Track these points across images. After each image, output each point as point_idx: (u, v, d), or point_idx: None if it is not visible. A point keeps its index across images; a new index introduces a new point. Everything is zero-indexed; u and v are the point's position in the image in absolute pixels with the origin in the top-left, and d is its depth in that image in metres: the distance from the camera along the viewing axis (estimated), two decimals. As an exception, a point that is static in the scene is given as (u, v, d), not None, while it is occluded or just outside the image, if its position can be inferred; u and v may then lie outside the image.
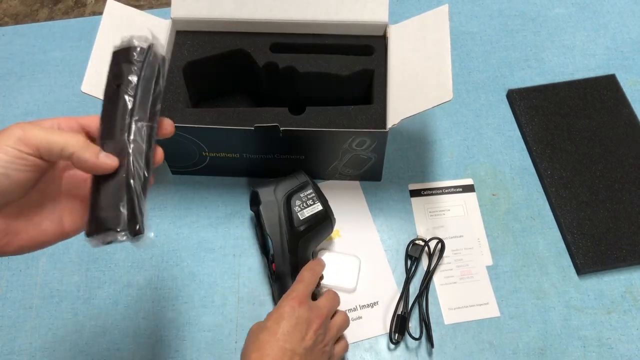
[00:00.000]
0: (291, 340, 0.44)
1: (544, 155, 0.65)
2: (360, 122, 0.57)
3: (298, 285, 0.48)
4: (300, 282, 0.49)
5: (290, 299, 0.46)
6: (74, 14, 1.42)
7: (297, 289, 0.48)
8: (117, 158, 0.36)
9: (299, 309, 0.46)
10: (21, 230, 0.36)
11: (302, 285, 0.48)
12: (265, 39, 0.61)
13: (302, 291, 0.48)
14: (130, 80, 0.38)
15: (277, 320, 0.45)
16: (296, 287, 0.48)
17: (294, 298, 0.46)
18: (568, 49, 0.74)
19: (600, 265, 0.58)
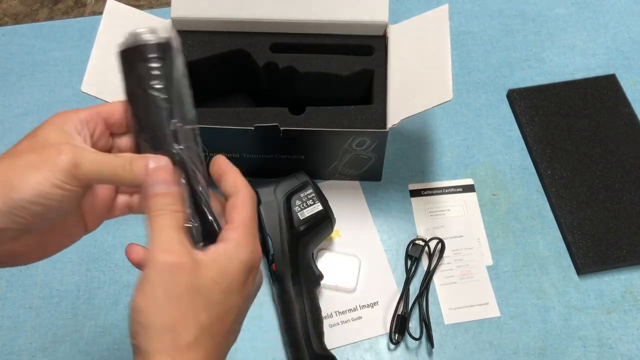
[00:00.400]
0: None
1: (544, 155, 0.65)
2: (360, 122, 0.57)
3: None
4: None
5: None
6: (74, 14, 1.42)
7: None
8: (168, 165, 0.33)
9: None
10: (52, 242, 0.35)
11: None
12: (265, 38, 0.61)
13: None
14: (157, 81, 0.34)
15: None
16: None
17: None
18: (568, 49, 0.74)
19: (601, 265, 0.58)
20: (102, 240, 0.62)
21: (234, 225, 0.34)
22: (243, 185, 0.36)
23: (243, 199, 0.35)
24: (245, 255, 0.34)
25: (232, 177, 0.36)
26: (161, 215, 0.32)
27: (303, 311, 0.52)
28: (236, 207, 0.35)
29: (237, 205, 0.35)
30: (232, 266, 0.33)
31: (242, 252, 0.33)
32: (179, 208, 0.33)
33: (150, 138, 0.34)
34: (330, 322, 0.57)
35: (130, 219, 0.63)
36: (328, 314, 0.57)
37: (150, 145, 0.34)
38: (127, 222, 0.63)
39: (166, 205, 0.33)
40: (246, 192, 0.36)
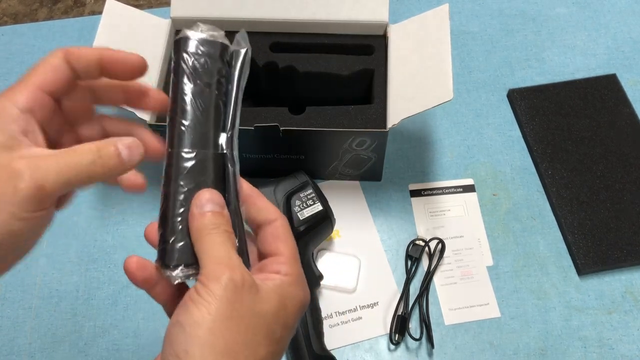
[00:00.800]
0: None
1: (545, 155, 0.65)
2: (360, 122, 0.57)
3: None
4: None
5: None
6: (73, 14, 1.42)
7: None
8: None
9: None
10: (20, 250, 0.29)
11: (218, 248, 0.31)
12: (265, 38, 0.61)
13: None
14: (224, 85, 0.32)
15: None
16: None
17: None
18: (569, 49, 0.73)
19: (601, 266, 0.58)
20: (101, 241, 0.62)
21: (285, 257, 0.32)
22: (277, 211, 0.33)
23: (284, 227, 0.33)
24: (302, 292, 0.31)
25: (262, 202, 0.33)
26: (216, 233, 0.30)
27: (303, 311, 0.52)
28: (280, 237, 0.32)
29: (280, 235, 0.32)
30: (290, 302, 0.30)
31: (299, 289, 0.31)
32: (231, 229, 0.31)
33: (198, 133, 0.31)
34: (330, 322, 0.57)
35: (130, 219, 0.63)
36: (328, 314, 0.57)
37: (193, 137, 0.31)
38: (126, 222, 0.63)
39: (219, 225, 0.30)
40: (284, 220, 0.33)
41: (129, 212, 0.63)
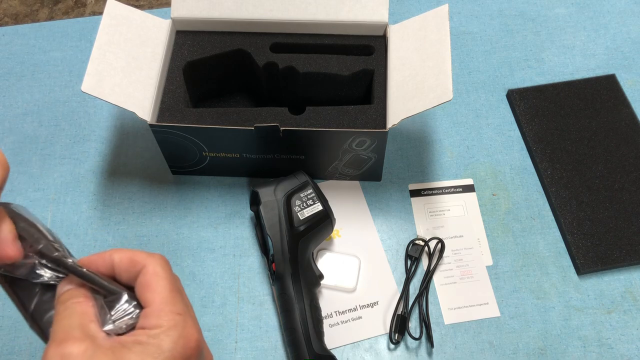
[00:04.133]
0: None
1: (544, 155, 0.65)
2: (360, 122, 0.57)
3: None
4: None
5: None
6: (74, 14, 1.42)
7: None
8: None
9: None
10: None
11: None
12: (265, 38, 0.61)
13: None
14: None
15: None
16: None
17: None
18: (568, 49, 0.74)
19: (600, 265, 0.58)
20: (102, 240, 0.62)
21: (153, 308, 0.29)
22: (142, 255, 0.31)
23: (153, 270, 0.30)
24: (172, 342, 0.28)
25: (120, 255, 0.31)
26: (63, 306, 0.29)
27: (303, 311, 0.52)
28: (147, 284, 0.30)
29: (147, 282, 0.30)
30: (155, 357, 0.27)
31: (168, 339, 0.28)
32: (84, 298, 0.30)
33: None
34: (330, 322, 0.57)
35: (130, 219, 0.63)
36: (328, 314, 0.57)
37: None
38: (126, 222, 0.63)
39: (69, 297, 0.30)
40: (152, 262, 0.30)
41: (129, 212, 0.63)
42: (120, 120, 0.70)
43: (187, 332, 0.29)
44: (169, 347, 0.28)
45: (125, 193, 0.65)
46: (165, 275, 0.30)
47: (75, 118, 0.70)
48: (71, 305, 0.29)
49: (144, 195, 0.64)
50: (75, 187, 0.65)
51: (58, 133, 0.69)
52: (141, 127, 0.69)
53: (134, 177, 0.66)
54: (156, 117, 0.57)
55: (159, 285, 0.29)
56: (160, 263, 0.30)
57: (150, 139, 0.67)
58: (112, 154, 0.67)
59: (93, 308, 0.30)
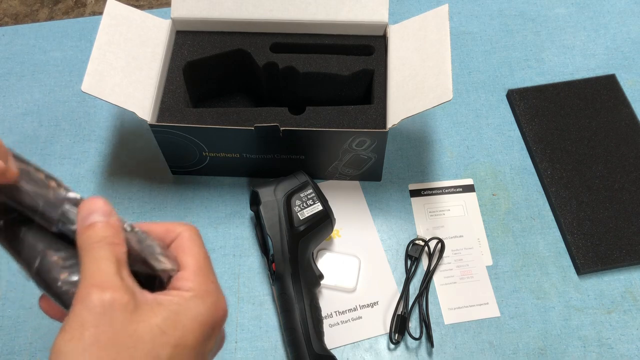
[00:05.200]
0: None
1: (544, 155, 0.65)
2: (360, 122, 0.57)
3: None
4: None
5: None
6: (74, 14, 1.42)
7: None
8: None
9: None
10: None
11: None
12: (265, 38, 0.61)
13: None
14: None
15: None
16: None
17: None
18: (568, 49, 0.74)
19: (600, 265, 0.58)
20: (102, 240, 0.62)
21: (189, 271, 0.29)
22: (178, 224, 0.31)
23: (190, 239, 0.30)
24: (205, 308, 0.28)
25: (160, 224, 0.31)
26: (98, 247, 0.27)
27: (303, 311, 0.52)
28: (184, 249, 0.30)
29: (184, 247, 0.30)
30: (186, 319, 0.27)
31: (201, 304, 0.28)
32: (119, 241, 0.28)
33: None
34: (330, 322, 0.57)
35: (130, 218, 0.63)
36: (328, 314, 0.57)
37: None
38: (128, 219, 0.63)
39: (103, 237, 0.27)
40: (190, 231, 0.30)
41: (129, 212, 0.63)
42: (120, 120, 0.70)
43: (219, 300, 0.29)
44: (202, 312, 0.28)
45: (125, 193, 0.65)
46: (201, 243, 0.30)
47: (75, 118, 0.70)
48: (107, 247, 0.27)
49: (144, 195, 0.64)
50: (75, 187, 0.65)
51: (58, 133, 0.69)
52: (141, 127, 0.69)
53: (134, 177, 0.66)
54: (156, 117, 0.57)
55: (194, 250, 0.30)
56: (196, 231, 0.31)
57: (150, 139, 0.67)
58: (112, 154, 0.67)
59: (125, 255, 0.28)
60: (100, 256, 0.27)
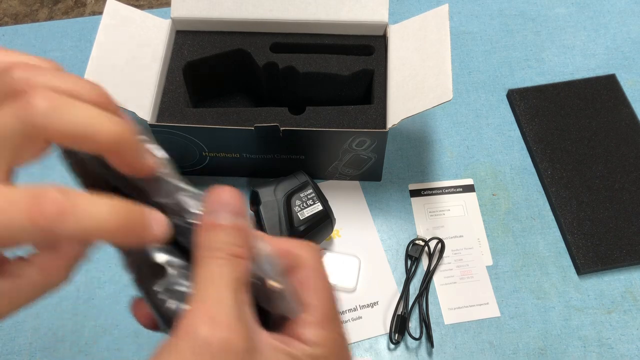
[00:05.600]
0: None
1: (544, 155, 0.65)
2: (360, 122, 0.57)
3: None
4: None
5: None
6: (74, 14, 1.42)
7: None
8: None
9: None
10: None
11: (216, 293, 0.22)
12: (265, 38, 0.61)
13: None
14: None
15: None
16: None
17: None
18: (568, 49, 0.74)
19: (601, 265, 0.58)
20: (102, 240, 0.62)
21: (316, 317, 0.23)
22: (299, 244, 0.25)
23: (315, 267, 0.24)
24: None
25: (284, 240, 0.25)
26: (218, 260, 0.21)
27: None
28: (308, 284, 0.24)
29: (309, 282, 0.24)
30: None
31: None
32: (245, 253, 0.22)
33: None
34: (330, 322, 0.57)
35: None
36: (328, 314, 0.57)
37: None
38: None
39: (227, 245, 0.21)
40: (313, 256, 0.25)
41: (130, 212, 0.63)
42: (120, 120, 0.70)
43: (345, 357, 0.24)
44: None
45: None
46: (326, 274, 0.24)
47: (75, 118, 0.70)
48: (228, 262, 0.21)
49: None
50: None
51: (58, 133, 0.69)
52: (141, 127, 0.69)
53: (134, 177, 0.66)
54: (156, 117, 0.57)
55: (320, 287, 0.24)
56: (320, 259, 0.25)
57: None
58: (112, 154, 0.67)
59: (249, 275, 0.22)
60: (218, 274, 0.21)
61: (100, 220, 0.20)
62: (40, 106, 0.20)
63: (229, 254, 0.22)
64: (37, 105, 0.20)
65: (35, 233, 0.19)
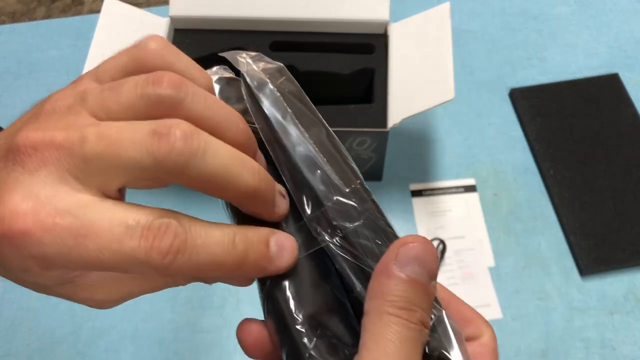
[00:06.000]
0: None
1: (547, 155, 0.64)
2: (361, 122, 0.56)
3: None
4: None
5: None
6: (72, 12, 1.42)
7: None
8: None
9: None
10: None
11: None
12: (264, 37, 0.61)
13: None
14: None
15: None
16: None
17: None
18: (570, 48, 0.73)
19: (603, 266, 0.58)
20: (100, 241, 0.61)
21: None
22: (483, 319, 0.23)
23: (493, 347, 0.23)
24: None
25: (465, 309, 0.23)
26: (399, 321, 0.19)
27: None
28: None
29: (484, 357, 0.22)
30: None
31: None
32: (427, 322, 0.20)
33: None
34: (330, 323, 0.56)
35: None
36: (328, 315, 0.57)
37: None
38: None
39: (414, 308, 0.19)
40: (492, 336, 0.23)
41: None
42: (118, 120, 0.69)
43: None
44: None
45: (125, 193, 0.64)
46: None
47: (73, 117, 0.70)
48: (413, 330, 0.19)
49: (144, 196, 0.64)
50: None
51: (55, 132, 0.69)
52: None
53: (132, 177, 0.65)
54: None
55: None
56: (496, 341, 0.23)
57: (148, 138, 0.67)
58: (110, 153, 0.67)
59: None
60: (399, 338, 0.18)
61: (216, 254, 0.19)
62: (180, 148, 0.18)
63: (416, 320, 0.19)
64: (177, 147, 0.18)
65: (147, 270, 0.18)
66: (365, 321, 0.19)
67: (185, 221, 0.19)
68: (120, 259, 0.18)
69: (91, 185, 0.19)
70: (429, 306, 0.20)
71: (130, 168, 0.18)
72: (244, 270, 0.20)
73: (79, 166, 0.18)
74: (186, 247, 0.18)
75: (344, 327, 0.21)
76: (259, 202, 0.21)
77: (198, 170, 0.19)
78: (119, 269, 0.18)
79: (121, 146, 0.18)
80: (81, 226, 0.18)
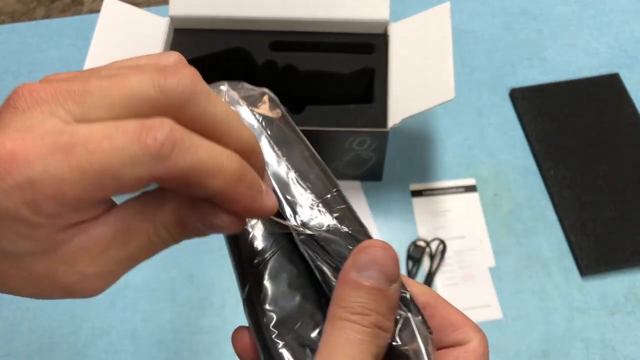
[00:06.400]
0: None
1: (547, 155, 0.64)
2: (361, 122, 0.56)
3: None
4: None
5: None
6: (72, 12, 1.42)
7: None
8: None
9: None
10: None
11: None
12: (264, 37, 0.61)
13: None
14: None
15: None
16: None
17: None
18: (571, 48, 0.73)
19: (604, 266, 0.58)
20: (99, 241, 0.61)
21: None
22: (471, 323, 0.23)
23: (483, 354, 0.22)
24: None
25: (451, 312, 0.24)
26: (357, 326, 0.19)
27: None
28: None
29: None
30: None
31: None
32: (387, 326, 0.20)
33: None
34: (330, 324, 0.56)
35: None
36: (328, 315, 0.56)
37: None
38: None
39: (372, 310, 0.19)
40: (483, 343, 0.23)
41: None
42: (118, 120, 0.69)
43: None
44: None
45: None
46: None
47: (72, 117, 0.69)
48: (365, 334, 0.19)
49: (142, 196, 0.64)
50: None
51: (55, 132, 0.69)
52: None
53: (132, 177, 0.65)
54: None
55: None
56: (487, 346, 0.23)
57: (148, 138, 0.66)
58: (110, 153, 0.67)
59: (385, 350, 0.20)
60: (355, 345, 0.19)
61: (216, 156, 0.18)
62: (186, 83, 0.19)
63: (369, 323, 0.19)
64: (184, 80, 0.19)
65: (146, 163, 0.17)
66: (324, 327, 0.20)
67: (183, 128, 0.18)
68: (113, 158, 0.17)
69: (86, 120, 0.18)
70: (388, 310, 0.20)
71: (134, 97, 0.18)
72: (241, 189, 0.19)
73: (77, 99, 0.18)
74: (184, 141, 0.17)
75: (318, 333, 0.22)
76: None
77: (198, 109, 0.18)
78: (113, 177, 0.17)
79: (127, 80, 0.18)
80: (69, 139, 0.17)
